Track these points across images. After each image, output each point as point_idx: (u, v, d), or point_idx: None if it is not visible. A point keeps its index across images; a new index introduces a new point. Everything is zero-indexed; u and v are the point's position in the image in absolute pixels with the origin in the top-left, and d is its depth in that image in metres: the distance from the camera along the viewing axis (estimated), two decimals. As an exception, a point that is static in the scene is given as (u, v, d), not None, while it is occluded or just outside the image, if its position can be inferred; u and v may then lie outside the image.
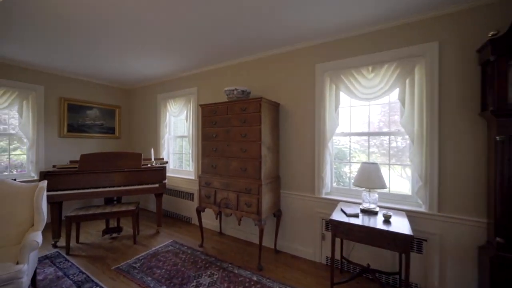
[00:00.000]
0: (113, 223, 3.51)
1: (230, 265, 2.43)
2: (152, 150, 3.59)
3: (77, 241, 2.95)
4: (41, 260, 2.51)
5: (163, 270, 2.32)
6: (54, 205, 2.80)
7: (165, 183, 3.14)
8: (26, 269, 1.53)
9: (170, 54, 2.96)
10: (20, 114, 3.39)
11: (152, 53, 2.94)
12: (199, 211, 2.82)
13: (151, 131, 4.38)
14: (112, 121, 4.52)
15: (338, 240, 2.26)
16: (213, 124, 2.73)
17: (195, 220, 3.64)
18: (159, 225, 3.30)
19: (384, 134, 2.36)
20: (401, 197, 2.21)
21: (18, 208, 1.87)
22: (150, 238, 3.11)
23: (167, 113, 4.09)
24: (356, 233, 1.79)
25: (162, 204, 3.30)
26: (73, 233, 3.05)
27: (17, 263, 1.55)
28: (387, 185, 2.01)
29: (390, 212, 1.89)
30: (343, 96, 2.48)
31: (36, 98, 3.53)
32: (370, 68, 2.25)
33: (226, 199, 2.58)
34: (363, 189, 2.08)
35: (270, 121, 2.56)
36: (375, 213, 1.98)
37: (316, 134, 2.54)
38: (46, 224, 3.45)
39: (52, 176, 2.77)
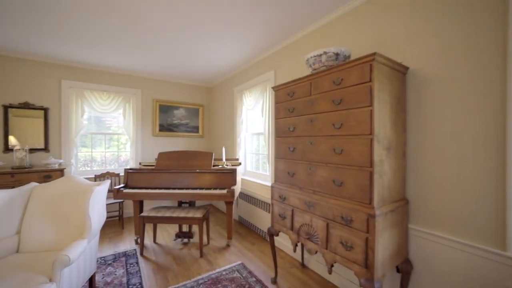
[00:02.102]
0: (186, 227, 3.34)
1: (314, 337, 1.49)
2: (224, 149, 3.16)
3: (154, 241, 2.89)
4: (120, 256, 2.52)
5: (219, 314, 1.69)
6: (136, 202, 2.83)
7: (233, 189, 2.57)
8: (54, 292, 1.25)
9: (247, 27, 2.37)
10: (124, 116, 3.83)
11: (225, 31, 2.44)
12: (271, 234, 2.04)
13: (229, 129, 4.05)
14: (196, 120, 4.57)
15: None
16: (290, 112, 1.87)
17: (271, 238, 2.90)
18: (229, 238, 2.79)
19: None
20: None
21: (78, 209, 1.74)
22: (217, 252, 2.64)
23: (243, 107, 3.59)
24: None
25: (232, 214, 2.77)
26: (152, 229, 3.03)
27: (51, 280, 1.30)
28: None
29: None
30: None
31: (136, 101, 3.91)
32: None
33: (308, 227, 1.65)
34: None
35: (389, 99, 1.41)
36: None
37: (502, 118, 1.16)
38: (129, 217, 3.70)
39: (132, 174, 2.80)
